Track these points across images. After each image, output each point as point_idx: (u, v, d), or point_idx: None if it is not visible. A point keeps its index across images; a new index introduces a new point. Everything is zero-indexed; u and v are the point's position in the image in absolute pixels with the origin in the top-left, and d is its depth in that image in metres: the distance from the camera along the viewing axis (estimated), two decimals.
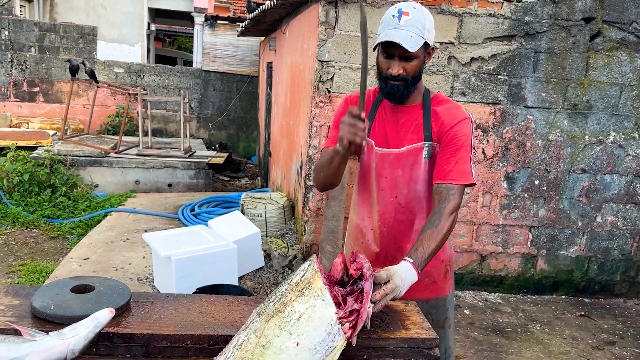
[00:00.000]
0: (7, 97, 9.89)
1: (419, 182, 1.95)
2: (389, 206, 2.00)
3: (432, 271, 2.02)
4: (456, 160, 1.85)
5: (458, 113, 1.91)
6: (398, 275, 1.54)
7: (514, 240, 4.60)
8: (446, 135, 1.87)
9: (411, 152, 1.94)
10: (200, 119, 11.07)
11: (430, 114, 1.92)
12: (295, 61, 5.39)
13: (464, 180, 1.85)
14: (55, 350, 1.21)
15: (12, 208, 6.26)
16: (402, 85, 1.85)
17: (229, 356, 1.21)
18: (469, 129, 1.89)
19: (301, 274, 1.35)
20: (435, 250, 1.74)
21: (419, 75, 1.88)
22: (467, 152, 1.87)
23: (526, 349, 3.73)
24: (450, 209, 1.80)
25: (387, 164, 1.97)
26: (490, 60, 4.27)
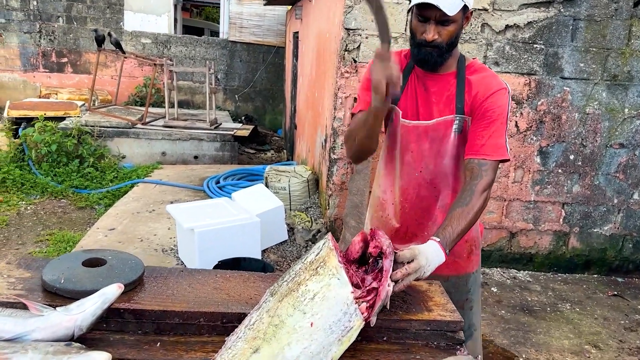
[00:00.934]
0: (36, 67, 9.99)
1: (446, 157, 1.84)
2: (412, 181, 1.90)
3: (454, 250, 1.90)
4: (490, 133, 1.73)
5: (494, 83, 1.77)
6: (423, 255, 1.45)
7: (546, 217, 4.44)
8: (480, 107, 1.75)
9: (440, 125, 1.82)
10: (227, 91, 11.02)
11: (464, 84, 1.79)
12: (321, 30, 5.24)
13: (497, 155, 1.73)
14: (62, 327, 1.17)
15: (41, 178, 6.34)
16: (437, 52, 1.73)
17: (241, 336, 1.15)
18: (505, 100, 1.76)
19: (316, 253, 1.28)
20: (465, 230, 1.64)
21: (455, 41, 1.76)
22: (502, 125, 1.75)
23: (555, 329, 3.62)
24: (483, 186, 1.69)
25: (414, 137, 1.86)
26: (525, 28, 4.06)
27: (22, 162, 6.63)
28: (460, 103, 1.79)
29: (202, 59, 10.66)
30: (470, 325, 2.05)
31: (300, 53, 7.26)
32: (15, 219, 5.35)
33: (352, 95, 4.06)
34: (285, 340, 1.13)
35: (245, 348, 1.13)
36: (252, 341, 1.13)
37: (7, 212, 5.48)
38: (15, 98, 9.26)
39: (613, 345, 3.45)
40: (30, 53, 9.93)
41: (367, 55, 4.02)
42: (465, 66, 1.83)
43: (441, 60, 1.76)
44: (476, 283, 2.07)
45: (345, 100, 4.09)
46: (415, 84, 1.86)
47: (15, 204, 5.72)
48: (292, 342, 1.13)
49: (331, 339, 1.17)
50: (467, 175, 1.75)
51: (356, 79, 4.04)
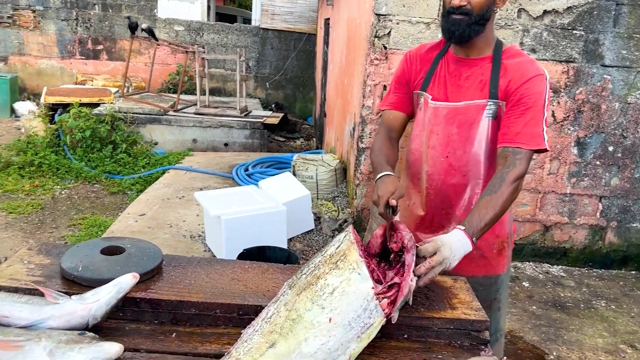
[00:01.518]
0: (73, 54, 10.18)
1: (476, 143, 1.75)
2: (438, 166, 1.82)
3: (483, 246, 1.82)
4: (526, 121, 1.64)
5: (531, 68, 1.68)
6: (447, 246, 1.38)
7: (582, 210, 4.29)
8: (515, 93, 1.67)
9: (471, 109, 1.74)
10: (258, 79, 11.02)
11: (499, 69, 1.71)
12: (352, 16, 5.15)
13: (533, 144, 1.64)
14: (76, 315, 1.16)
15: (76, 163, 6.47)
16: (465, 21, 1.65)
17: (257, 329, 1.12)
18: (542, 86, 1.66)
19: (336, 246, 1.24)
20: (494, 219, 1.56)
21: (486, 14, 1.67)
22: (539, 113, 1.65)
23: (588, 326, 3.50)
24: (515, 175, 1.60)
25: (440, 119, 1.79)
26: (565, 13, 3.89)
27: (57, 148, 6.78)
28: (495, 88, 1.70)
29: (234, 46, 10.67)
30: (497, 330, 1.96)
31: (331, 40, 7.17)
32: (50, 203, 5.48)
33: (381, 83, 3.97)
34: (303, 336, 1.10)
35: (262, 342, 1.10)
36: (268, 335, 1.10)
37: (43, 196, 5.62)
38: (52, 84, 9.47)
39: None
40: (67, 40, 10.12)
41: (397, 41, 3.93)
42: (502, 51, 1.74)
43: (469, 31, 1.67)
44: (505, 284, 1.98)
45: (374, 88, 4.02)
46: (446, 69, 1.80)
47: (50, 188, 5.85)
48: (309, 337, 1.10)
49: (350, 336, 1.13)
50: (499, 163, 1.67)
51: (386, 66, 3.96)
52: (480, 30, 1.69)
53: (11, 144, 7.05)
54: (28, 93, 10.04)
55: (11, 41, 9.92)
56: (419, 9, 3.86)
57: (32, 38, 9.98)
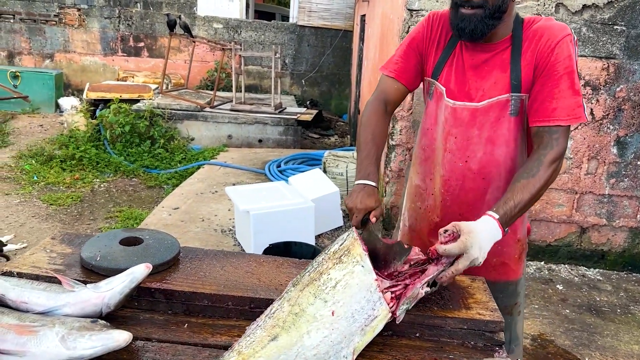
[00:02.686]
0: (115, 51, 10.45)
1: (498, 144, 1.60)
2: (456, 171, 1.66)
3: (505, 252, 1.71)
4: (561, 92, 1.47)
5: (556, 29, 1.51)
6: (476, 246, 1.27)
7: (621, 212, 4.13)
8: (545, 62, 1.49)
9: (493, 107, 1.58)
10: (294, 75, 11.06)
11: (521, 45, 1.54)
12: (385, 12, 5.11)
13: (573, 118, 1.48)
14: (90, 303, 1.19)
15: (115, 157, 6.66)
16: (478, 15, 1.47)
17: (260, 324, 1.13)
18: (571, 48, 1.49)
19: (339, 243, 1.24)
20: (529, 205, 1.45)
21: (502, 8, 1.48)
22: (574, 79, 1.48)
23: (625, 332, 3.37)
24: (553, 156, 1.46)
25: (459, 122, 1.62)
26: (605, 8, 3.75)
27: (98, 142, 6.99)
28: (516, 79, 1.54)
29: (271, 43, 10.73)
30: (515, 338, 1.85)
31: (366, 36, 7.13)
32: (89, 196, 5.65)
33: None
34: (305, 329, 1.10)
35: (264, 336, 1.11)
36: (270, 329, 1.11)
37: (82, 189, 5.80)
38: (95, 80, 9.76)
39: None
40: (110, 37, 10.40)
41: None
42: (522, 25, 1.57)
43: (483, 27, 1.49)
44: (523, 289, 1.87)
45: None
46: (463, 54, 1.61)
47: (90, 182, 6.04)
48: (311, 330, 1.10)
49: (353, 328, 1.12)
50: (535, 143, 1.52)
51: None
52: (495, 25, 1.51)
53: (54, 138, 7.31)
54: (72, 89, 10.37)
55: (57, 39, 10.27)
56: None
57: (77, 36, 10.31)
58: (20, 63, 10.24)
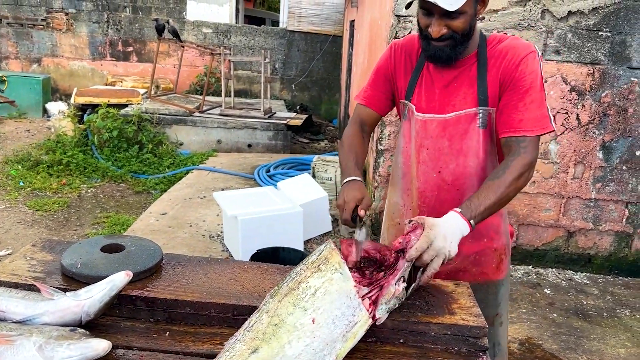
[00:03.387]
0: (103, 56, 10.41)
1: (469, 155, 1.65)
2: (430, 182, 1.72)
3: (482, 260, 1.75)
4: (527, 105, 1.54)
5: (520, 47, 1.58)
6: (440, 237, 1.32)
7: (607, 216, 4.17)
8: (510, 77, 1.56)
9: (461, 120, 1.63)
10: (284, 80, 11.07)
11: (487, 62, 1.60)
12: (374, 17, 5.13)
13: (539, 129, 1.54)
14: (69, 311, 1.17)
15: (103, 162, 6.61)
16: (449, 45, 1.54)
17: (239, 338, 1.11)
18: (536, 64, 1.56)
19: (317, 254, 1.24)
20: (495, 205, 1.48)
21: (470, 31, 1.55)
22: (540, 92, 1.55)
23: (611, 336, 3.39)
24: (521, 163, 1.51)
25: (429, 133, 1.68)
26: (590, 14, 3.79)
27: (85, 147, 6.95)
28: (483, 94, 1.60)
29: (261, 48, 10.74)
30: (497, 344, 1.87)
31: (356, 41, 7.16)
32: (76, 201, 5.60)
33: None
34: (286, 339, 1.09)
35: (244, 349, 1.09)
36: (250, 342, 1.10)
37: (69, 195, 5.75)
38: (83, 85, 9.71)
39: None
40: (99, 42, 10.36)
41: None
42: (487, 43, 1.64)
43: (455, 53, 1.57)
44: (506, 295, 1.89)
45: None
46: (432, 74, 1.68)
47: (77, 187, 5.99)
48: (292, 340, 1.09)
49: (335, 335, 1.12)
50: (504, 154, 1.58)
51: None
52: (465, 46, 1.59)
53: (41, 143, 7.25)
54: (60, 94, 10.31)
55: (45, 43, 10.21)
56: None
57: (65, 40, 10.25)
58: (7, 67, 10.17)
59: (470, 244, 1.71)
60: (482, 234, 1.73)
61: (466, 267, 1.75)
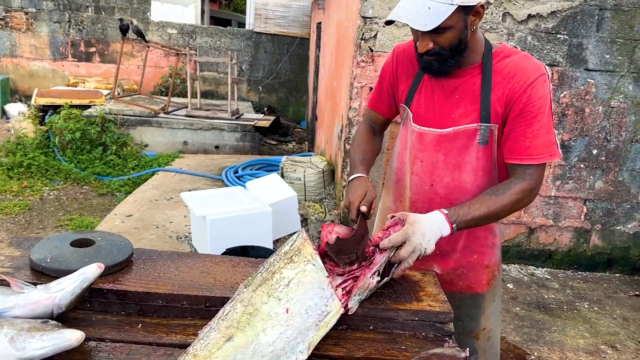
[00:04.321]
0: (65, 56, 10.18)
1: (465, 171, 1.62)
2: (422, 194, 1.69)
3: (470, 275, 1.73)
4: (535, 132, 1.50)
5: (530, 69, 1.51)
6: (418, 233, 1.35)
7: (567, 213, 4.32)
8: (518, 102, 1.50)
9: (460, 135, 1.59)
10: (251, 82, 11.04)
11: (491, 78, 1.54)
12: (341, 19, 5.19)
13: (547, 156, 1.51)
14: (40, 304, 1.17)
15: (65, 164, 6.47)
16: (437, 59, 1.51)
17: (214, 327, 1.13)
18: (546, 88, 1.50)
19: (290, 244, 1.28)
20: (484, 218, 1.49)
21: (460, 45, 1.49)
22: (548, 118, 1.50)
23: (571, 327, 3.52)
24: (523, 187, 1.50)
25: (424, 146, 1.65)
26: (549, 17, 3.93)
27: (47, 149, 6.78)
28: (486, 110, 1.54)
29: (228, 49, 10.68)
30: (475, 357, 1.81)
31: (322, 44, 7.21)
32: (38, 204, 5.47)
33: (367, 85, 4.00)
34: (260, 327, 1.11)
35: (219, 337, 1.11)
36: (225, 330, 1.11)
37: (31, 197, 5.61)
38: (44, 86, 9.46)
39: (631, 347, 3.34)
40: (60, 42, 10.12)
41: (384, 44, 3.96)
42: (492, 54, 1.56)
43: (446, 67, 1.53)
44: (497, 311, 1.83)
45: (360, 90, 4.04)
46: (432, 81, 1.63)
47: (39, 189, 5.84)
48: (267, 328, 1.11)
49: (308, 324, 1.15)
50: (510, 175, 1.57)
51: (372, 68, 3.98)
52: (459, 59, 1.53)
53: (0, 145, 7.03)
54: (20, 95, 10.02)
55: (3, 43, 9.92)
56: None
57: (25, 40, 9.98)
58: None
59: (458, 257, 1.72)
60: (471, 248, 1.73)
61: (452, 279, 1.74)
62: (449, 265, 1.73)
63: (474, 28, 1.51)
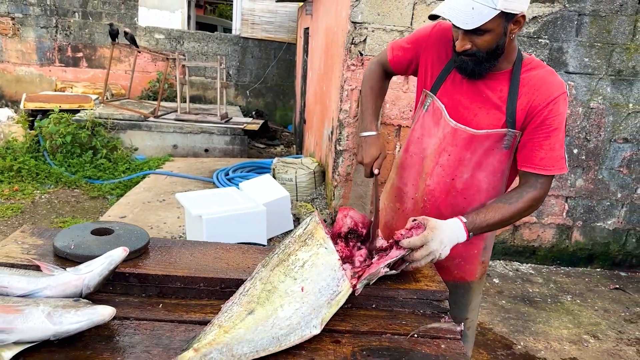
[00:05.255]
0: (52, 61, 10.17)
1: (486, 171, 1.72)
2: (442, 185, 1.78)
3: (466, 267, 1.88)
4: (550, 145, 1.60)
5: (555, 85, 1.60)
6: (437, 240, 1.45)
7: (549, 210, 4.49)
8: (539, 114, 1.59)
9: (490, 138, 1.67)
10: (238, 87, 11.13)
11: (519, 87, 1.62)
12: (330, 24, 5.32)
13: (557, 169, 1.62)
14: (71, 285, 1.26)
15: (56, 168, 6.50)
16: (472, 60, 1.58)
17: (236, 301, 1.24)
18: (565, 105, 1.61)
19: (303, 228, 1.39)
20: (497, 225, 1.62)
21: (497, 49, 1.54)
22: (563, 134, 1.61)
23: (555, 319, 3.67)
24: (534, 196, 1.62)
25: (456, 142, 1.72)
26: (530, 22, 4.10)
27: (37, 153, 6.80)
28: (511, 117, 1.63)
29: (215, 54, 10.77)
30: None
31: (311, 48, 7.34)
32: (29, 207, 5.50)
33: (357, 88, 4.13)
34: (278, 303, 1.22)
35: (241, 311, 1.22)
36: (246, 305, 1.22)
37: (22, 201, 5.64)
38: (31, 91, 9.44)
39: (612, 336, 3.50)
40: (47, 47, 10.12)
41: (373, 48, 4.09)
42: (522, 64, 1.64)
43: (479, 69, 1.60)
44: (477, 301, 1.99)
45: (351, 92, 4.17)
46: (461, 77, 1.69)
47: (30, 193, 5.87)
48: (284, 304, 1.22)
49: (321, 302, 1.26)
50: (520, 181, 1.68)
51: (362, 71, 4.12)
52: (493, 64, 1.60)
53: None
54: (6, 100, 10.00)
55: None
56: (393, 18, 4.04)
57: (11, 45, 9.96)
58: None
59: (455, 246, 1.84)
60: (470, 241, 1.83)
61: (449, 266, 1.86)
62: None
63: (512, 36, 1.56)
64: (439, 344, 1.30)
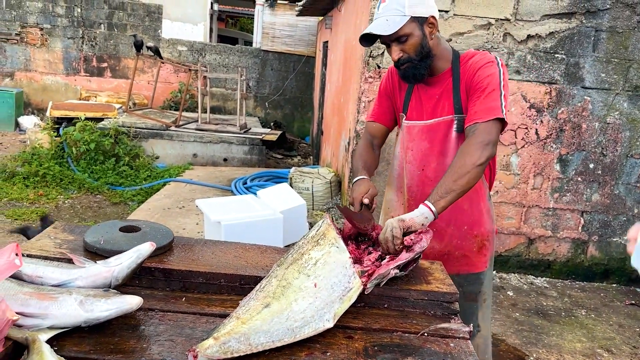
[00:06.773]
0: (77, 71, 10.45)
1: (448, 155, 1.90)
2: (415, 179, 1.99)
3: (463, 245, 1.99)
4: (480, 99, 1.76)
5: (481, 59, 1.81)
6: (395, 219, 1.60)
7: (565, 224, 4.49)
8: (470, 84, 1.80)
9: (440, 125, 1.90)
10: (257, 98, 11.30)
11: (459, 77, 1.85)
12: (349, 38, 5.42)
13: (489, 116, 1.72)
14: (101, 276, 1.35)
15: (79, 174, 6.67)
16: (410, 66, 1.80)
17: (253, 297, 1.31)
18: (494, 69, 1.77)
19: (316, 229, 1.47)
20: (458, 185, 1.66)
21: (424, 50, 1.79)
22: (495, 90, 1.75)
23: (568, 332, 3.67)
24: (471, 142, 1.70)
25: (413, 137, 1.96)
26: (547, 38, 4.15)
27: (61, 159, 6.99)
28: (458, 102, 1.85)
29: (235, 66, 10.96)
30: (476, 326, 2.03)
31: (329, 61, 7.45)
32: (53, 212, 5.65)
33: (374, 100, 4.21)
34: (293, 297, 1.30)
35: (257, 305, 1.29)
36: (263, 299, 1.30)
37: (47, 205, 5.80)
38: (56, 100, 9.70)
39: (626, 351, 3.49)
40: (73, 57, 10.40)
41: (390, 61, 4.16)
42: (459, 59, 1.87)
43: (419, 72, 1.82)
44: (489, 281, 2.08)
45: (368, 104, 4.25)
46: (420, 88, 1.96)
47: (54, 198, 6.03)
48: (298, 298, 1.30)
49: (333, 297, 1.33)
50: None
51: (379, 83, 4.19)
52: (429, 63, 1.83)
53: (16, 155, 7.25)
54: (32, 108, 10.28)
55: (18, 57, 10.21)
56: None
57: (39, 55, 10.27)
58: None
59: (452, 231, 1.98)
60: (463, 221, 1.98)
61: (450, 250, 1.99)
62: (444, 239, 1.98)
63: (432, 37, 1.81)
64: (447, 342, 1.35)
